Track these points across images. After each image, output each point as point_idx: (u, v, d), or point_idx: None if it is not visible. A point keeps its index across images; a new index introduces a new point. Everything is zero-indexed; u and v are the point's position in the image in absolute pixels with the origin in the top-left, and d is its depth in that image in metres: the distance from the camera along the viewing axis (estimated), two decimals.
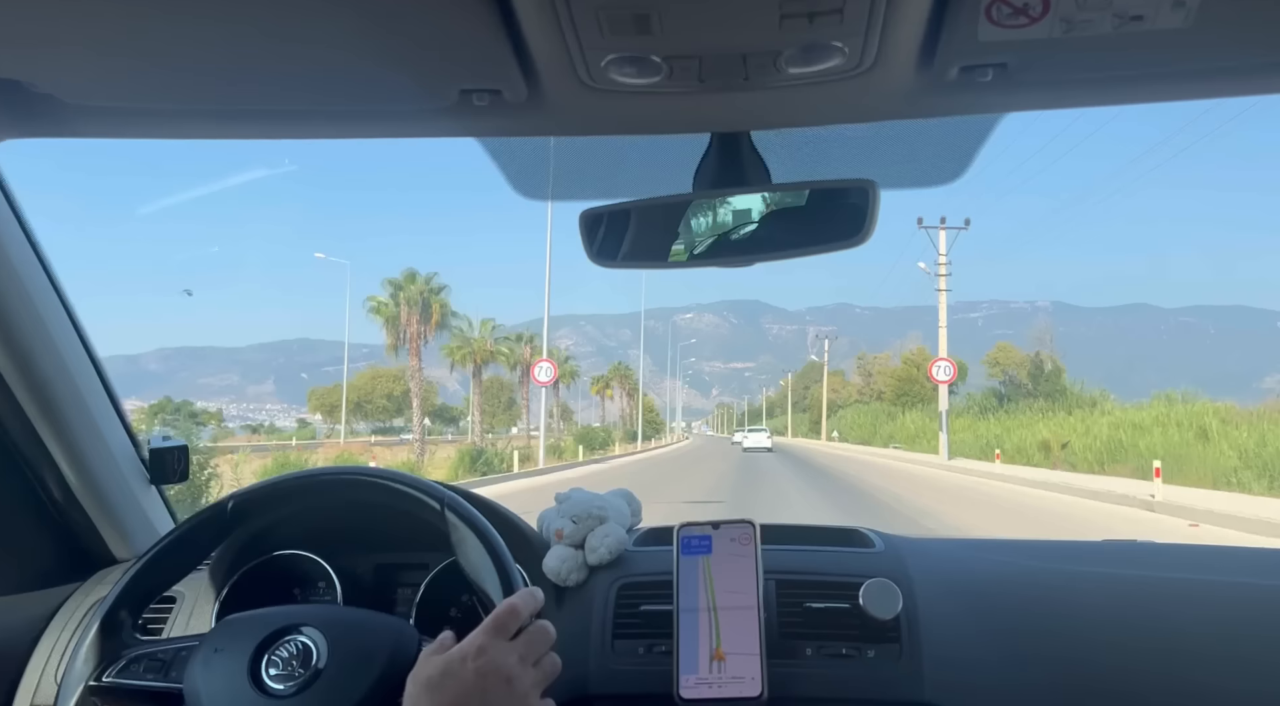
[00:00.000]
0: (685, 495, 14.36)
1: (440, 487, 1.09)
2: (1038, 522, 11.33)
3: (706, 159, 1.05)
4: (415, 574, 1.36)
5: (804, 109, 0.96)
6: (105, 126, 1.01)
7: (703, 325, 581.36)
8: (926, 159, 1.15)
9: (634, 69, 0.81)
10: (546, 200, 1.22)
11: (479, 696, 0.84)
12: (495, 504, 1.32)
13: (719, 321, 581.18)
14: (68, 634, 1.37)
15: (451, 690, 0.84)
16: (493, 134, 1.04)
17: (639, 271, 1.14)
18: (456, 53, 0.82)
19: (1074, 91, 0.91)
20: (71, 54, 0.84)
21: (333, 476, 1.14)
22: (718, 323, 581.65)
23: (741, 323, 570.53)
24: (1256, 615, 1.20)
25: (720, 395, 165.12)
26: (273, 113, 0.98)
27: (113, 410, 1.50)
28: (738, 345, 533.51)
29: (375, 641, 0.99)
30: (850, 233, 1.01)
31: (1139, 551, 1.44)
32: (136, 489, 1.54)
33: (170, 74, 0.88)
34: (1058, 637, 1.18)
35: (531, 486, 17.27)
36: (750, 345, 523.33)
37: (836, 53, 0.79)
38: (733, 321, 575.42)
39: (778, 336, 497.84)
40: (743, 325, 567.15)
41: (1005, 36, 0.77)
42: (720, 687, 1.09)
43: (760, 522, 1.18)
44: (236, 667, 0.97)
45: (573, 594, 1.29)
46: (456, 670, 0.85)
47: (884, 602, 1.17)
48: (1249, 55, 0.84)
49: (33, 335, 1.32)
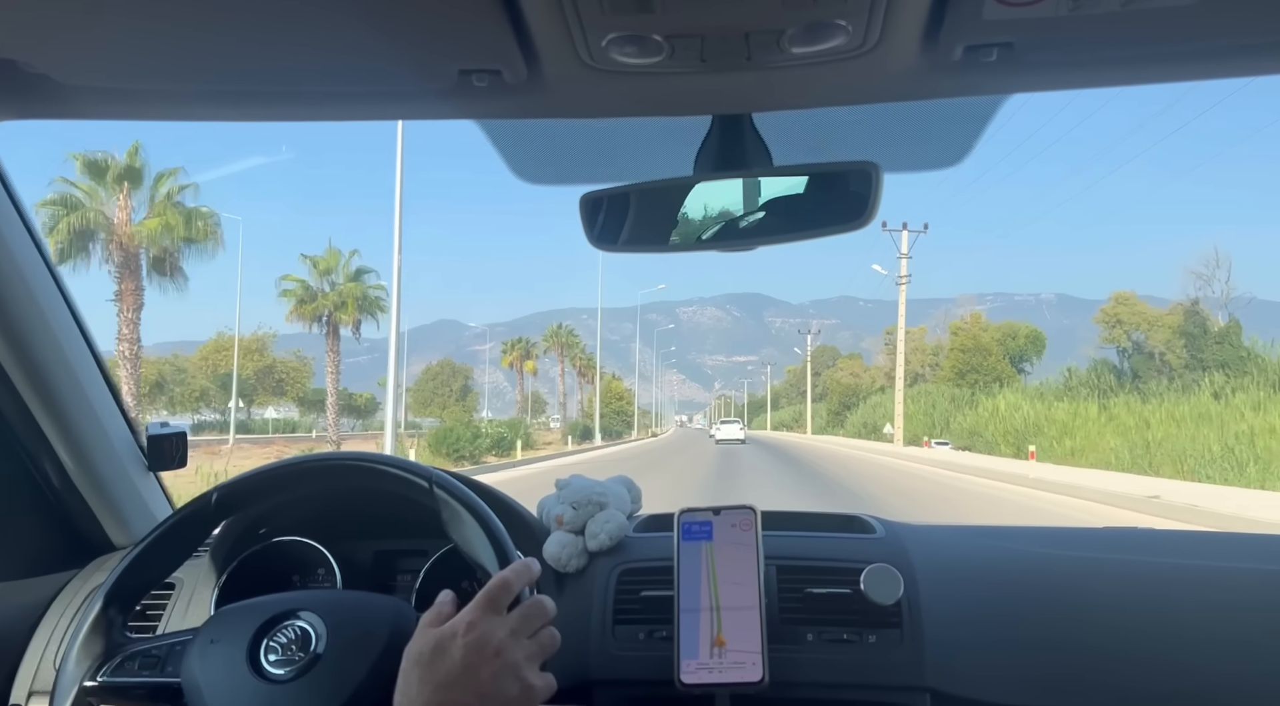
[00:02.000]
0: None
1: (428, 467, 1.09)
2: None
3: (708, 141, 1.04)
4: (415, 560, 1.35)
5: (807, 90, 0.95)
6: (100, 107, 0.99)
7: (705, 318, 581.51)
8: (930, 141, 1.14)
9: (635, 48, 0.80)
10: (546, 184, 1.21)
11: (469, 672, 0.84)
12: (493, 489, 1.32)
13: (721, 314, 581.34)
14: (65, 620, 1.37)
15: (442, 667, 0.84)
16: (492, 116, 1.03)
17: (642, 261, 1.13)
18: (455, 33, 0.81)
19: (1080, 72, 0.90)
20: (66, 33, 0.83)
21: (317, 464, 1.14)
22: (720, 316, 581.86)
23: (744, 316, 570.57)
24: (1254, 599, 1.20)
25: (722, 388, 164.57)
26: (270, 94, 0.97)
27: (110, 396, 1.50)
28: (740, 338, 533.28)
29: (374, 621, 0.99)
30: (853, 215, 1.00)
31: (1139, 537, 1.45)
32: (134, 475, 1.54)
33: (166, 54, 0.87)
34: (1058, 623, 1.18)
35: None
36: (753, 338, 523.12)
37: (840, 31, 0.78)
38: (735, 314, 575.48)
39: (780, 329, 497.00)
40: (745, 318, 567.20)
41: (1011, 15, 0.76)
42: (721, 673, 1.09)
43: (761, 509, 1.18)
44: (235, 656, 0.96)
45: (573, 580, 1.29)
46: (447, 645, 0.85)
47: (885, 588, 1.17)
48: (1256, 33, 0.83)
49: (30, 321, 1.31)
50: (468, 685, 0.83)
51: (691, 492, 14.51)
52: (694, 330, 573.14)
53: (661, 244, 1.08)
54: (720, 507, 1.18)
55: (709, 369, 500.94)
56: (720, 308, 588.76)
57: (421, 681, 0.84)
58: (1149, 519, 10.76)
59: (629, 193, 1.06)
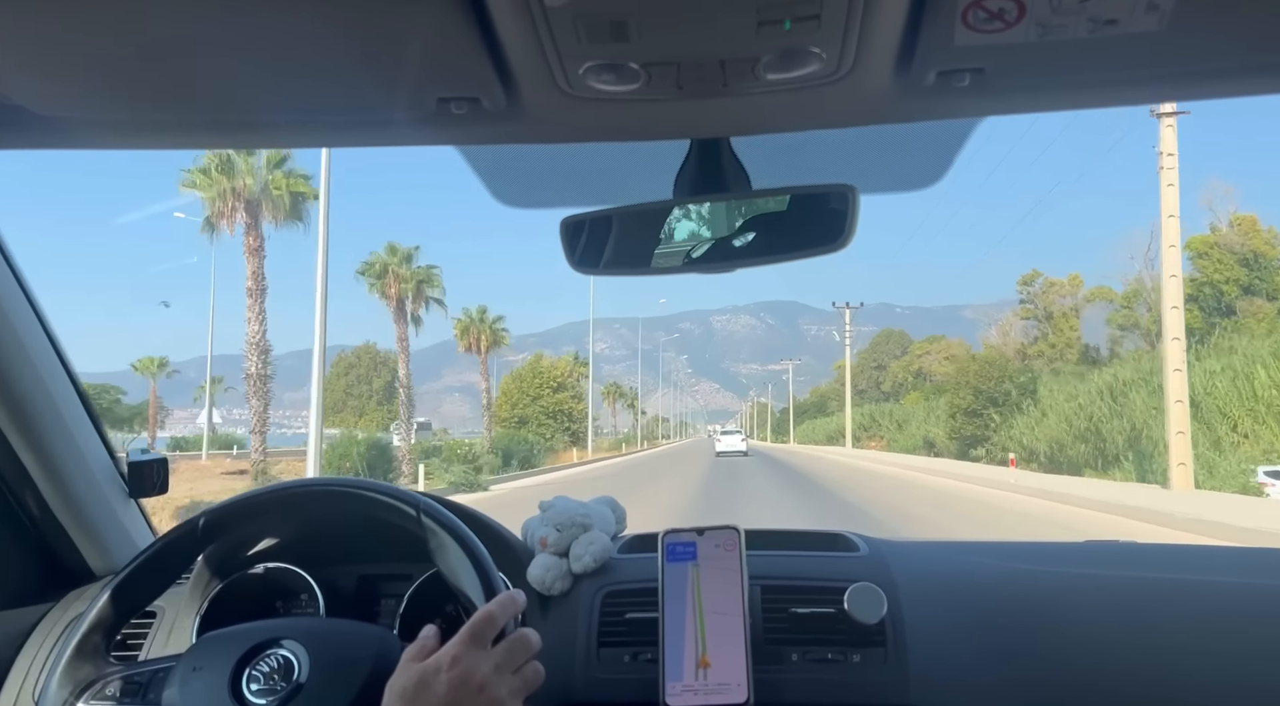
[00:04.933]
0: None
1: (416, 495, 1.09)
2: None
3: (686, 165, 1.05)
4: (398, 585, 1.35)
5: (783, 115, 0.96)
6: (76, 137, 0.99)
7: (738, 327, 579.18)
8: (906, 163, 1.16)
9: (612, 76, 0.81)
10: (526, 208, 1.22)
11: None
12: (478, 513, 1.32)
13: (755, 322, 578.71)
14: (44, 651, 1.35)
15: (425, 702, 0.84)
16: (472, 142, 1.03)
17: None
18: (433, 61, 0.82)
19: (1050, 95, 0.91)
20: (41, 65, 0.83)
21: (305, 489, 1.14)
22: (754, 323, 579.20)
23: (778, 323, 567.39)
24: (1234, 612, 1.21)
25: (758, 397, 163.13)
26: (247, 123, 0.98)
27: (89, 423, 1.48)
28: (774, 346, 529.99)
29: (357, 651, 0.99)
30: (831, 237, 1.01)
31: (1120, 552, 1.46)
32: (115, 503, 1.52)
33: (143, 85, 0.87)
34: (1041, 638, 1.18)
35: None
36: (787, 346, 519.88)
37: (814, 58, 0.79)
38: (769, 322, 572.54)
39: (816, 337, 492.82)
40: (779, 326, 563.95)
41: (982, 41, 0.77)
42: (706, 695, 1.08)
43: (745, 528, 1.18)
44: (217, 684, 0.96)
45: (558, 602, 1.29)
46: (430, 681, 0.85)
47: (869, 607, 1.17)
48: (1223, 58, 0.84)
49: (6, 347, 1.30)
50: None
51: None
52: (728, 338, 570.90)
53: (643, 266, 1.08)
54: (704, 528, 1.18)
55: (743, 377, 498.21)
56: (754, 315, 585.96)
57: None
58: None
59: (609, 216, 1.07)
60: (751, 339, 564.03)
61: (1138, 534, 10.14)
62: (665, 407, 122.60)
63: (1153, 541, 1.58)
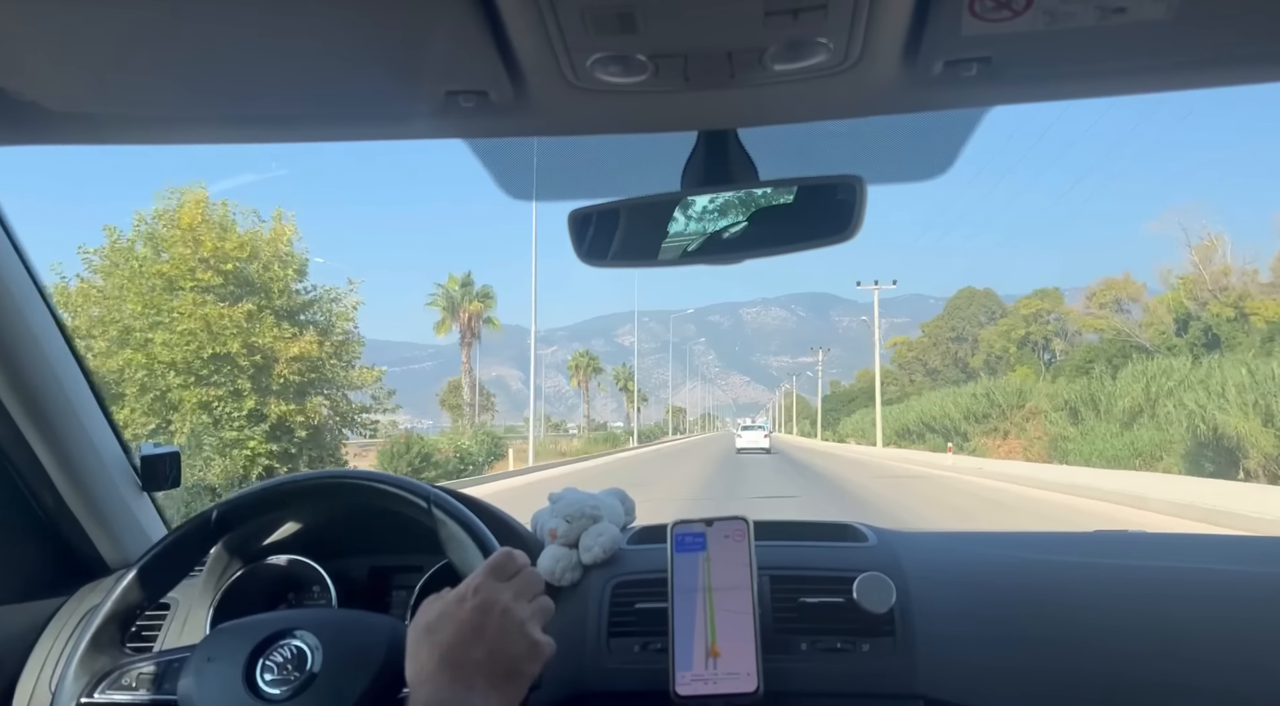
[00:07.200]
0: None
1: (426, 486, 1.10)
2: None
3: (694, 157, 1.05)
4: (410, 576, 1.36)
5: (790, 106, 0.96)
6: (91, 133, 1.00)
7: (769, 319, 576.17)
8: (913, 153, 1.15)
9: (620, 68, 0.81)
10: (534, 200, 1.23)
11: (477, 630, 0.85)
12: (487, 504, 1.33)
13: (786, 314, 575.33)
14: (60, 643, 1.37)
15: (449, 629, 0.85)
16: (479, 135, 1.04)
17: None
18: (441, 55, 0.82)
19: (1058, 84, 0.91)
20: (53, 60, 0.84)
21: (316, 481, 1.15)
22: (785, 316, 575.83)
23: (809, 315, 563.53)
24: (1244, 600, 1.21)
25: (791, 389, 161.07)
26: (258, 117, 0.99)
27: (103, 417, 1.49)
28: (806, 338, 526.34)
29: (370, 641, 0.99)
30: (838, 228, 1.00)
31: (1129, 541, 1.45)
32: (128, 496, 1.54)
33: (153, 80, 0.88)
34: (1050, 628, 1.18)
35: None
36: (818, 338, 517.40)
37: (821, 49, 0.79)
38: (800, 314, 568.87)
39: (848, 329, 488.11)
40: (810, 318, 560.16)
41: (989, 30, 0.77)
42: (716, 684, 1.09)
43: (754, 519, 1.18)
44: (231, 675, 0.97)
45: (567, 593, 1.30)
46: (453, 610, 0.87)
47: (878, 596, 1.18)
48: (1231, 46, 0.83)
49: (20, 342, 1.31)
50: (477, 641, 0.85)
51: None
52: (758, 331, 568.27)
53: (650, 258, 1.08)
54: (713, 519, 1.18)
55: (774, 370, 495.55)
56: (785, 308, 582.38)
57: (432, 647, 0.85)
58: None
59: (617, 208, 1.07)
60: (782, 331, 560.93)
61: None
62: (693, 402, 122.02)
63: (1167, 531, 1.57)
